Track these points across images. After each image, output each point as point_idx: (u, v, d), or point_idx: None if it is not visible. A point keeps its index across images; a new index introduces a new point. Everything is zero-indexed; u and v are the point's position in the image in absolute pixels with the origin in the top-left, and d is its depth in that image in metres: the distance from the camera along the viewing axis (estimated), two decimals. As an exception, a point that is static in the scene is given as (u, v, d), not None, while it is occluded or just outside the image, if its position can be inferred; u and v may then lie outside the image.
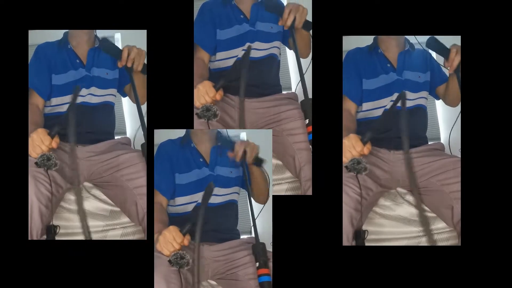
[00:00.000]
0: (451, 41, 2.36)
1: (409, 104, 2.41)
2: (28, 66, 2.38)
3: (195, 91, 2.37)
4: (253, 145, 2.35)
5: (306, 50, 2.47)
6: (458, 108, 2.40)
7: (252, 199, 2.37)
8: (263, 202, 2.43)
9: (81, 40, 2.46)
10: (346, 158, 2.28)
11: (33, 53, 2.42)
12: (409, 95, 2.42)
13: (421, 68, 2.45)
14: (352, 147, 2.27)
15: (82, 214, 2.34)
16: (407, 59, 2.45)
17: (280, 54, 2.56)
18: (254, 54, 2.47)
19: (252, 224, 2.31)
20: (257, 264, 2.26)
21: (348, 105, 2.43)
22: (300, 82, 2.40)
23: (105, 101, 2.47)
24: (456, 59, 2.32)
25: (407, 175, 2.35)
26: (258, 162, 2.35)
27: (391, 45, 2.45)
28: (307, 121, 2.40)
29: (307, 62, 2.45)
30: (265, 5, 2.45)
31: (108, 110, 2.49)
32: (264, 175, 2.39)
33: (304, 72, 2.42)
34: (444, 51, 2.34)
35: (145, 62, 2.40)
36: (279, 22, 2.43)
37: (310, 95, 2.40)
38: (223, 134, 2.44)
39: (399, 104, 2.28)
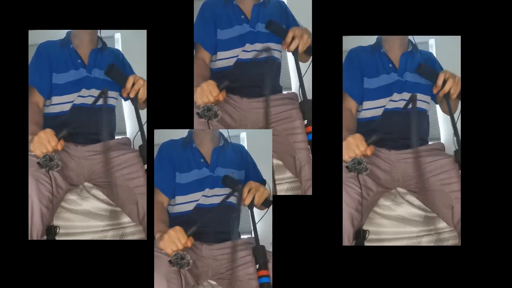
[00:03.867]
0: (451, 41, 2.37)
1: (408, 106, 2.41)
2: (29, 65, 2.38)
3: (198, 89, 2.37)
4: (263, 190, 2.33)
5: (306, 58, 2.47)
6: (458, 108, 2.40)
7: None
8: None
9: (84, 40, 2.45)
10: (349, 156, 2.29)
11: (35, 51, 2.42)
12: (409, 96, 2.42)
13: None
14: (356, 146, 2.28)
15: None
16: (410, 60, 2.45)
17: (281, 56, 2.56)
18: (254, 55, 2.47)
19: (252, 226, 2.31)
20: (257, 266, 2.27)
21: (349, 104, 2.42)
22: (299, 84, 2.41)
23: (106, 104, 2.46)
24: (447, 86, 2.32)
25: (416, 174, 2.35)
26: (266, 204, 2.35)
27: (395, 45, 2.45)
28: (305, 121, 2.41)
29: (307, 62, 2.45)
30: (266, 24, 2.45)
31: (108, 113, 2.48)
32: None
33: (304, 72, 2.43)
34: (432, 76, 2.34)
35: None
36: (282, 46, 2.45)
37: (309, 96, 2.41)
38: (232, 178, 2.39)
39: (409, 107, 2.32)
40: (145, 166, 2.37)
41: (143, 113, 2.39)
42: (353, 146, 2.28)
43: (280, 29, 2.43)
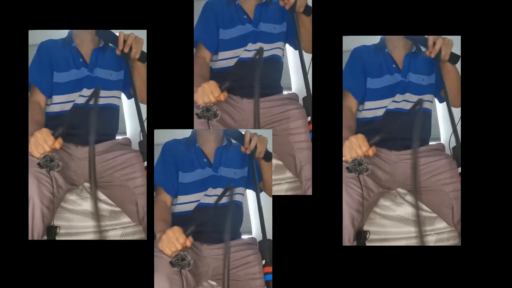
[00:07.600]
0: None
1: (410, 106, 2.41)
2: (30, 63, 2.38)
3: (199, 89, 2.37)
4: (262, 138, 2.36)
5: (308, 43, 2.46)
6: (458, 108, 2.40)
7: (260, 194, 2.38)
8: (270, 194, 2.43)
9: (86, 39, 2.45)
10: (350, 156, 2.28)
11: (36, 50, 2.42)
12: (411, 97, 2.42)
13: (426, 71, 2.44)
14: (358, 146, 2.28)
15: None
16: (413, 61, 2.44)
17: (283, 56, 2.56)
18: (256, 55, 2.47)
19: (259, 221, 2.31)
20: (264, 261, 2.27)
21: (350, 102, 2.42)
22: (302, 79, 2.41)
23: (108, 103, 2.46)
24: (437, 45, 2.33)
25: (411, 175, 2.35)
26: (268, 156, 2.35)
27: (399, 46, 2.45)
28: (309, 118, 2.40)
29: (307, 62, 2.45)
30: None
31: (111, 113, 2.47)
32: (271, 168, 2.39)
33: (306, 68, 2.42)
34: (422, 40, 2.36)
35: (144, 50, 2.39)
36: (280, 2, 2.43)
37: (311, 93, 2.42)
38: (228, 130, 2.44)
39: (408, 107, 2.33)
40: (145, 163, 2.37)
41: (143, 113, 2.39)
42: (355, 146, 2.28)
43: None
